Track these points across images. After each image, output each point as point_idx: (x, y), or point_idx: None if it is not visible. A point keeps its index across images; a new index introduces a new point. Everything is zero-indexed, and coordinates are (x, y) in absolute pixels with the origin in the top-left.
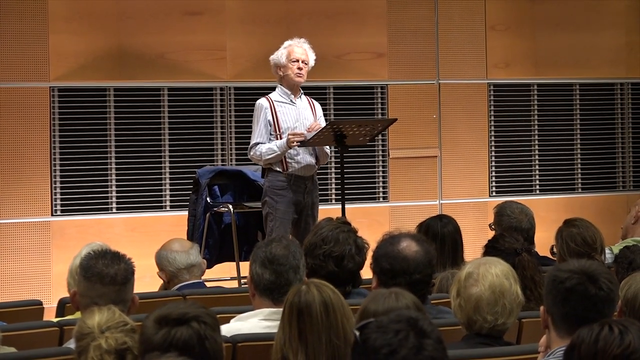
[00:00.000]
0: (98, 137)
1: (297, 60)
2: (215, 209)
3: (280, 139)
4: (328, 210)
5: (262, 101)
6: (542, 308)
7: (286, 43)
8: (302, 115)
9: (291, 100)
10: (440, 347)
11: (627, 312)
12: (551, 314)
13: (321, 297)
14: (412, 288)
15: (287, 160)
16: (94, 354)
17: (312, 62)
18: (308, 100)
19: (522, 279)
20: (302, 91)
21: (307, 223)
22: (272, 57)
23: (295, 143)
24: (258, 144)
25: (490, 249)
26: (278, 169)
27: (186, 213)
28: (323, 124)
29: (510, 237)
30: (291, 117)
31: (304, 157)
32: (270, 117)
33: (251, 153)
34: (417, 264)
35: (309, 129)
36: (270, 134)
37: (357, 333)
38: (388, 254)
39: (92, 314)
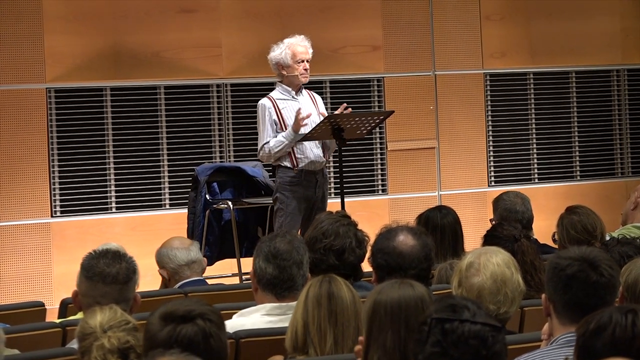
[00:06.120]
0: (96, 138)
1: (303, 61)
2: (214, 205)
3: None
4: (328, 204)
5: (264, 101)
6: (543, 296)
7: (287, 42)
8: (305, 110)
9: (292, 96)
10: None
11: (628, 298)
12: (553, 301)
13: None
14: None
15: (296, 156)
16: (97, 353)
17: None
18: (308, 93)
19: (522, 265)
20: (302, 86)
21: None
22: (273, 56)
23: (302, 122)
24: (267, 143)
25: (490, 238)
26: (288, 165)
27: (186, 211)
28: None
29: (509, 224)
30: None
31: (312, 151)
32: (275, 117)
33: (260, 154)
34: (413, 260)
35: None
36: (277, 132)
37: (433, 322)
38: (383, 249)
39: (94, 314)
